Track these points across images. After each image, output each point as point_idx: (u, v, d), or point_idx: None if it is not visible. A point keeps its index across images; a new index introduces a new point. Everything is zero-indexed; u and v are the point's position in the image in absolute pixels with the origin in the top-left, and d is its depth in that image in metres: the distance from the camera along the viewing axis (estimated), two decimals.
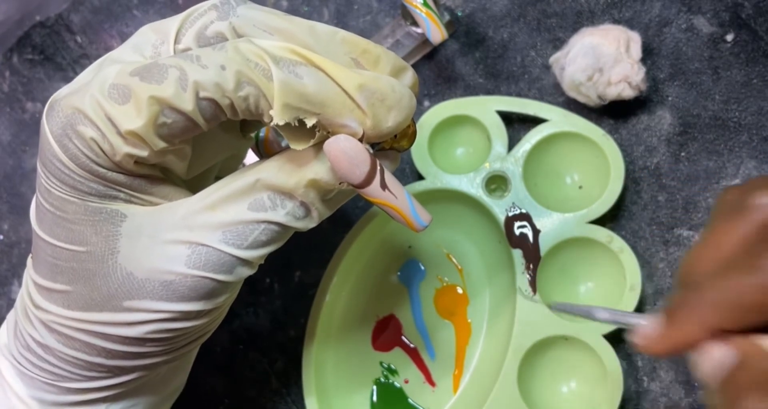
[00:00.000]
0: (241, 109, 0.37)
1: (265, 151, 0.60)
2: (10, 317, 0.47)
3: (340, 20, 0.65)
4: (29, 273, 0.43)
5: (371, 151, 0.38)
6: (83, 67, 0.67)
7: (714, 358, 0.36)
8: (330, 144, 0.37)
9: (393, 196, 0.38)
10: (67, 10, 0.67)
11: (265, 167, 0.39)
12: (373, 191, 0.38)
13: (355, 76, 0.36)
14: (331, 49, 0.38)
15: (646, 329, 0.39)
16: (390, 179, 0.38)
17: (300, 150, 0.38)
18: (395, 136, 0.39)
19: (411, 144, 0.41)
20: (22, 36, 0.68)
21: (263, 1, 0.65)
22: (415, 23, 0.60)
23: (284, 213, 0.39)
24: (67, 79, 0.67)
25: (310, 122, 0.36)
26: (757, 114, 0.59)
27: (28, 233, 0.67)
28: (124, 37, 0.67)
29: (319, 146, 0.38)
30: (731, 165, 0.59)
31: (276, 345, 0.64)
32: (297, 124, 0.36)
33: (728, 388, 0.35)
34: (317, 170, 0.39)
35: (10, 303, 0.67)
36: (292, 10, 0.65)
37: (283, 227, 0.40)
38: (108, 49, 0.67)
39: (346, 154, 0.37)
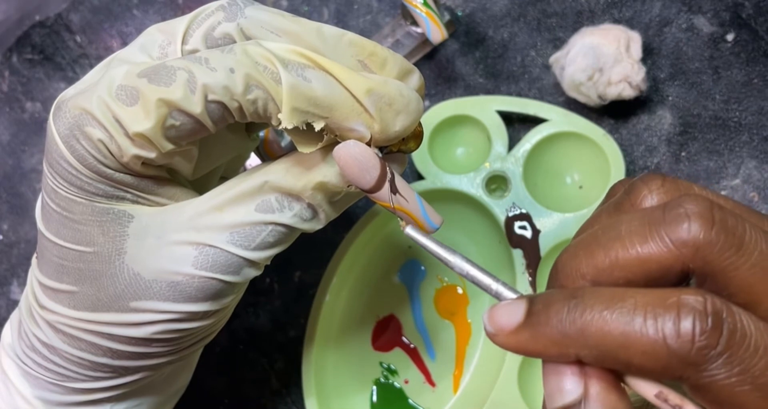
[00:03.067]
0: (249, 112, 0.37)
1: (265, 151, 0.60)
2: (14, 316, 0.47)
3: (340, 20, 0.65)
4: (34, 273, 0.43)
5: (380, 155, 0.38)
6: (83, 67, 0.67)
7: (560, 385, 0.31)
8: (339, 150, 0.37)
9: (404, 199, 0.38)
10: (67, 9, 0.67)
11: (272, 169, 0.39)
12: (384, 195, 0.38)
13: (363, 81, 0.36)
14: (338, 51, 0.38)
15: (502, 315, 0.32)
16: (399, 182, 0.38)
17: (307, 153, 0.38)
18: (403, 139, 0.39)
19: (418, 146, 0.41)
20: (21, 36, 0.67)
21: (263, 0, 0.65)
22: (415, 23, 0.60)
23: (291, 215, 0.39)
24: (67, 79, 0.67)
25: (318, 126, 0.36)
26: (757, 114, 0.59)
27: (28, 233, 0.67)
28: (123, 37, 0.67)
29: (326, 149, 0.38)
30: (732, 165, 0.59)
31: (276, 345, 0.64)
32: (305, 127, 0.36)
33: None
34: (325, 173, 0.39)
35: (10, 303, 0.67)
36: (292, 10, 0.65)
37: (290, 228, 0.40)
38: (108, 48, 0.67)
39: (356, 159, 0.37)
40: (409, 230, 0.38)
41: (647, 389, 0.30)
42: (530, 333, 0.31)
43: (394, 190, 0.38)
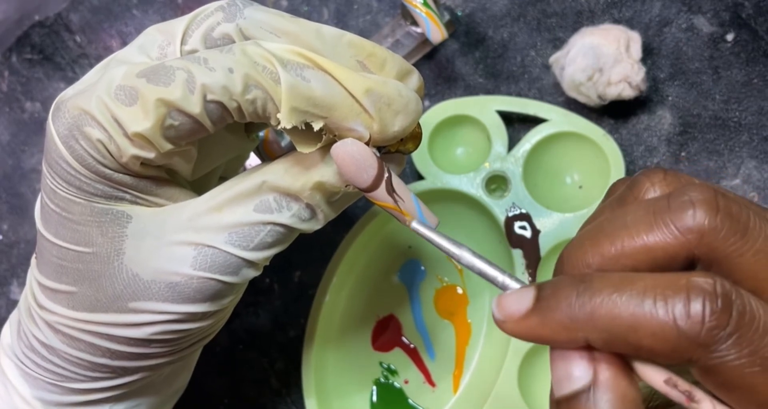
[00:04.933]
0: (248, 112, 0.37)
1: (264, 152, 0.60)
2: (13, 316, 0.47)
3: (340, 20, 0.65)
4: (33, 274, 0.43)
5: (377, 154, 0.38)
6: (82, 67, 0.67)
7: (568, 371, 0.31)
8: (337, 148, 0.37)
9: (400, 199, 0.38)
10: (66, 9, 0.67)
11: (271, 169, 0.39)
12: (380, 195, 0.38)
13: (363, 80, 0.36)
14: (338, 51, 0.38)
15: (511, 302, 0.32)
16: (397, 182, 0.38)
17: (306, 153, 0.38)
18: (401, 139, 0.39)
19: (417, 147, 0.41)
20: (21, 36, 0.67)
21: (263, 0, 0.65)
22: (415, 23, 0.60)
23: (290, 215, 0.39)
24: (67, 79, 0.67)
25: (317, 126, 0.36)
26: (757, 114, 0.59)
27: (28, 233, 0.67)
28: (123, 37, 0.67)
29: (325, 149, 0.38)
30: (731, 165, 0.59)
31: (276, 345, 0.64)
32: (304, 127, 0.36)
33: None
34: (323, 173, 0.39)
35: (10, 303, 0.67)
36: (292, 10, 0.65)
37: (288, 228, 0.40)
38: (107, 48, 0.67)
39: (354, 158, 0.37)
40: (415, 225, 0.38)
41: (655, 375, 0.30)
42: (539, 318, 0.31)
43: (390, 189, 0.38)
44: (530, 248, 0.59)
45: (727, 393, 0.29)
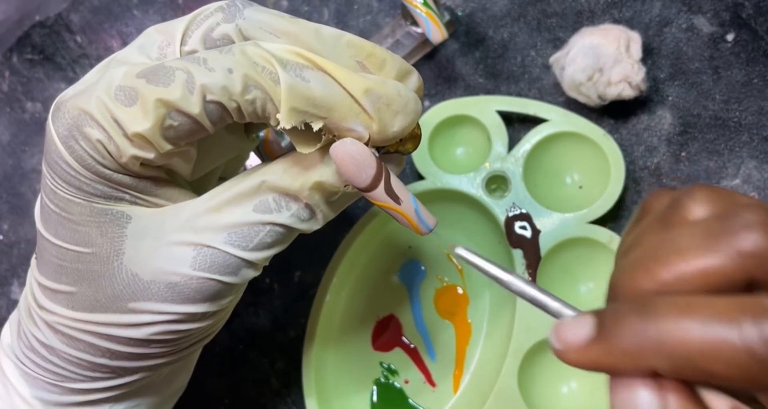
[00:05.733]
0: (247, 112, 0.37)
1: (265, 152, 0.60)
2: (13, 317, 0.47)
3: (340, 20, 0.65)
4: (33, 274, 0.43)
5: (377, 154, 0.38)
6: (83, 67, 0.67)
7: (634, 402, 0.30)
8: (336, 147, 0.37)
9: (399, 199, 0.38)
10: (67, 9, 0.67)
11: (270, 169, 0.39)
12: (379, 195, 0.38)
13: (362, 81, 0.36)
14: (337, 52, 0.38)
15: (570, 331, 0.32)
16: (395, 183, 0.38)
17: (306, 153, 0.38)
18: (400, 139, 0.39)
19: (416, 147, 0.41)
20: (21, 36, 0.67)
21: (263, 0, 0.65)
22: (415, 23, 0.60)
23: (289, 215, 0.39)
24: (67, 79, 0.67)
25: (316, 126, 0.36)
26: (757, 114, 0.59)
27: (28, 233, 0.67)
28: (123, 37, 0.67)
29: (324, 149, 0.38)
30: (732, 165, 0.59)
31: (276, 345, 0.64)
32: (303, 127, 0.36)
33: None
34: (322, 173, 0.39)
35: (10, 303, 0.67)
36: (292, 10, 0.65)
37: (287, 228, 0.40)
38: (107, 49, 0.67)
39: (353, 157, 0.37)
40: (460, 251, 0.37)
41: (721, 403, 0.30)
42: (602, 346, 0.30)
43: (389, 189, 0.38)
44: (530, 248, 0.59)
45: None
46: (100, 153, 0.37)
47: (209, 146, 0.43)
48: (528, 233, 0.59)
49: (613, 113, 0.61)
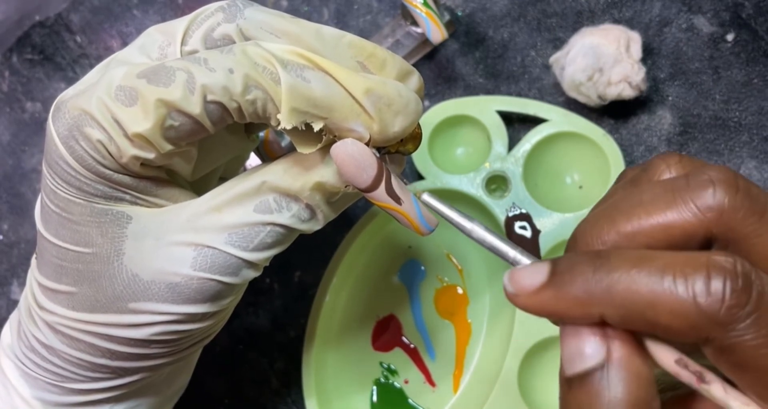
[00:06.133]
0: (248, 112, 0.37)
1: (265, 152, 0.60)
2: (14, 317, 0.47)
3: (340, 20, 0.65)
4: (33, 274, 0.43)
5: (377, 155, 0.38)
6: (83, 67, 0.67)
7: (581, 348, 0.31)
8: (337, 148, 0.37)
9: (400, 199, 0.38)
10: (67, 9, 0.67)
11: (270, 170, 0.39)
12: (380, 195, 0.38)
13: (362, 81, 0.36)
14: (338, 52, 0.38)
15: (524, 276, 0.32)
16: (396, 183, 0.38)
17: (306, 153, 0.38)
18: (401, 140, 0.39)
19: (416, 148, 0.41)
20: (21, 36, 0.67)
21: (263, 0, 0.65)
22: (415, 23, 0.60)
23: (289, 215, 0.39)
24: (67, 79, 0.67)
25: (317, 126, 0.36)
26: (757, 114, 0.59)
27: (28, 233, 0.67)
28: (124, 37, 0.67)
29: (325, 150, 0.38)
30: (732, 165, 0.59)
31: (276, 345, 0.64)
32: (304, 128, 0.36)
33: (573, 388, 0.31)
34: (323, 173, 0.39)
35: (10, 303, 0.67)
36: (292, 10, 0.65)
37: (288, 229, 0.40)
38: (108, 49, 0.67)
39: (353, 158, 0.37)
40: (426, 197, 0.38)
41: (667, 355, 0.30)
42: (554, 293, 0.31)
43: (390, 190, 0.38)
44: (530, 248, 0.58)
45: (741, 374, 0.29)
46: (101, 153, 0.37)
47: (210, 146, 0.43)
48: (528, 233, 0.59)
49: (613, 113, 0.61)
